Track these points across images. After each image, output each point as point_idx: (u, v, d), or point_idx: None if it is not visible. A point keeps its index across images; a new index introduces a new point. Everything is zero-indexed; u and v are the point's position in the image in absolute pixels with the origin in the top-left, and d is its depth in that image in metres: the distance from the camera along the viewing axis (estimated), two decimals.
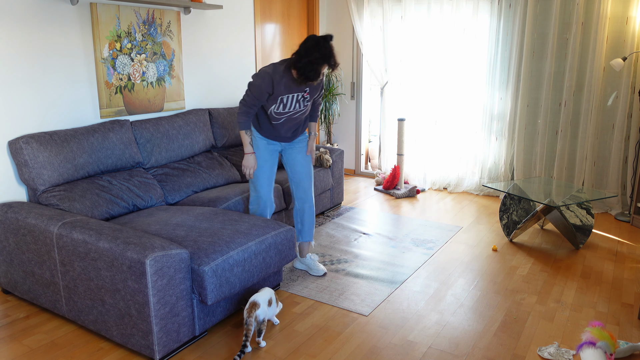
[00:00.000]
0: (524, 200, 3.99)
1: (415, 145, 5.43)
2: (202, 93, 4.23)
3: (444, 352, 2.46)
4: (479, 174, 5.20)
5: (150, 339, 2.26)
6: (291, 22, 5.37)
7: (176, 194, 3.48)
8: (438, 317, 2.78)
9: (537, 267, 3.43)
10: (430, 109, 5.29)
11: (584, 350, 2.19)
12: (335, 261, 3.49)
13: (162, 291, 2.23)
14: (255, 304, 2.42)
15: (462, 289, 3.11)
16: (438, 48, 5.11)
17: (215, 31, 4.28)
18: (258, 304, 2.42)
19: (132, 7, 3.50)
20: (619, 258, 3.59)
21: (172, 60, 3.87)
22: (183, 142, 3.70)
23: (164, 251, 2.24)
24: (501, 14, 4.78)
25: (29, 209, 2.72)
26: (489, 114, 5.02)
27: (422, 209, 4.71)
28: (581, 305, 2.91)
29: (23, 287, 2.81)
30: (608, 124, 4.53)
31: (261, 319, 2.44)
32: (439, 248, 3.75)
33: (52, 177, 2.90)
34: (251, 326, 2.37)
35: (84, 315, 2.52)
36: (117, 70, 3.46)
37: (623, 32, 4.32)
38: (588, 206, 3.88)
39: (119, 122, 3.32)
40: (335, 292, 3.05)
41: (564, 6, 4.52)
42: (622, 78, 4.35)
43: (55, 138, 2.94)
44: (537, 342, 2.54)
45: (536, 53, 4.72)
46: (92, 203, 2.96)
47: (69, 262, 2.47)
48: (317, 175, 4.18)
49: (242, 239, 2.61)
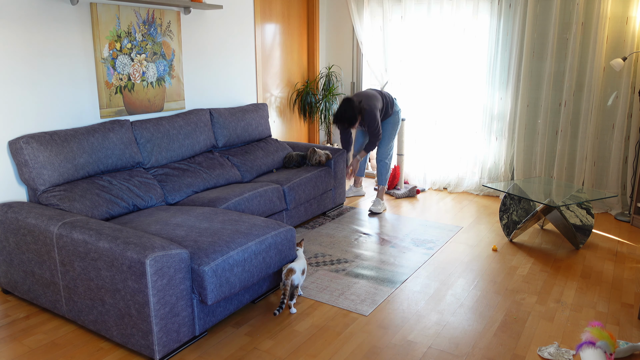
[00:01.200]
0: (524, 200, 3.99)
1: (415, 145, 5.43)
2: (202, 93, 4.23)
3: (444, 352, 2.46)
4: (479, 174, 5.20)
5: (150, 339, 2.26)
6: (291, 22, 5.37)
7: (176, 194, 3.48)
8: (438, 317, 2.78)
9: (537, 267, 3.43)
10: (430, 109, 5.29)
11: (583, 350, 2.19)
12: (335, 261, 3.49)
13: (162, 291, 2.24)
14: (292, 270, 2.73)
15: (462, 289, 3.11)
16: (438, 48, 5.11)
17: (215, 31, 4.29)
18: (294, 270, 2.74)
19: (132, 7, 3.50)
20: (619, 258, 3.59)
21: (172, 60, 3.87)
22: (184, 142, 3.70)
23: (164, 251, 2.24)
24: (501, 14, 4.78)
25: (29, 209, 2.72)
26: (489, 114, 5.02)
27: (422, 209, 4.71)
28: (581, 305, 2.91)
29: (23, 287, 2.81)
30: (608, 124, 4.53)
31: (295, 284, 2.75)
32: (439, 248, 3.75)
33: (52, 177, 2.90)
34: (288, 287, 2.69)
35: (84, 315, 2.52)
36: (117, 70, 3.46)
37: (623, 32, 4.32)
38: (588, 206, 3.88)
39: (119, 122, 3.32)
40: (336, 292, 3.05)
41: (564, 6, 4.52)
42: (622, 78, 4.35)
43: (56, 138, 2.94)
44: (537, 342, 2.54)
45: (536, 53, 4.72)
46: (92, 203, 2.96)
47: (69, 262, 2.47)
48: (319, 176, 4.18)
49: (242, 239, 2.61)
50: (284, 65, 5.35)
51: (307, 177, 4.07)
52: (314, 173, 4.17)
